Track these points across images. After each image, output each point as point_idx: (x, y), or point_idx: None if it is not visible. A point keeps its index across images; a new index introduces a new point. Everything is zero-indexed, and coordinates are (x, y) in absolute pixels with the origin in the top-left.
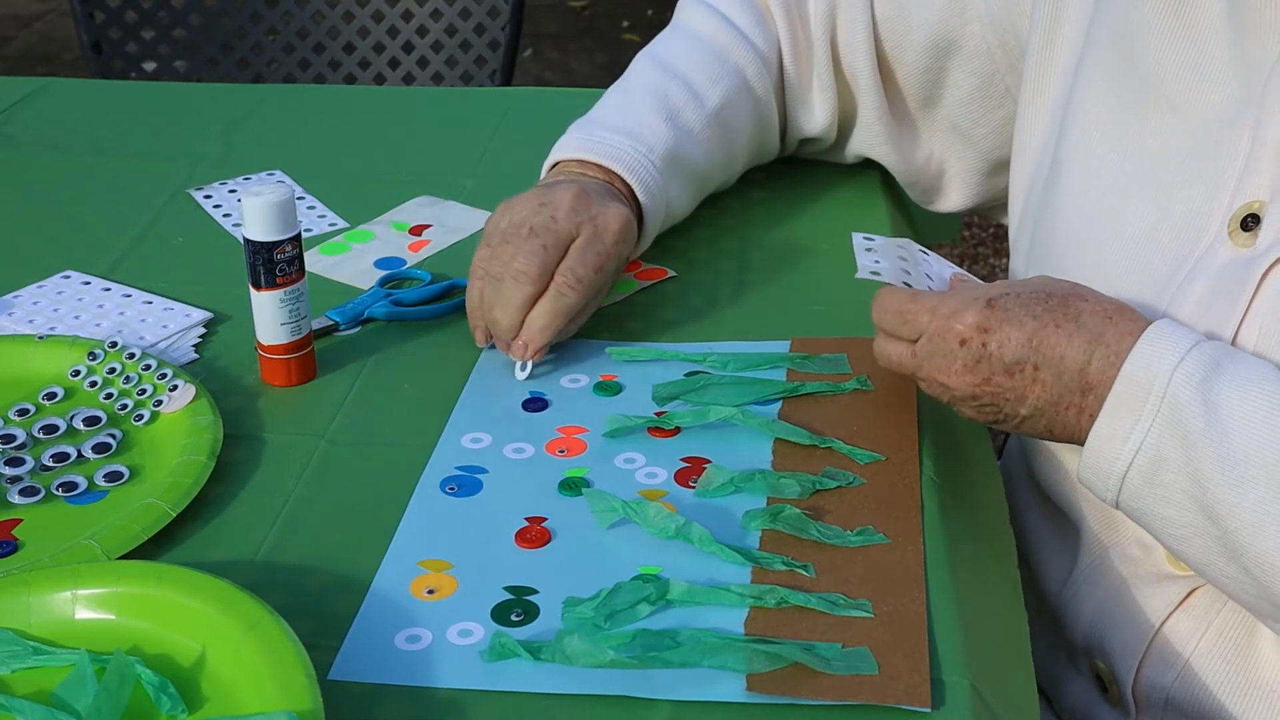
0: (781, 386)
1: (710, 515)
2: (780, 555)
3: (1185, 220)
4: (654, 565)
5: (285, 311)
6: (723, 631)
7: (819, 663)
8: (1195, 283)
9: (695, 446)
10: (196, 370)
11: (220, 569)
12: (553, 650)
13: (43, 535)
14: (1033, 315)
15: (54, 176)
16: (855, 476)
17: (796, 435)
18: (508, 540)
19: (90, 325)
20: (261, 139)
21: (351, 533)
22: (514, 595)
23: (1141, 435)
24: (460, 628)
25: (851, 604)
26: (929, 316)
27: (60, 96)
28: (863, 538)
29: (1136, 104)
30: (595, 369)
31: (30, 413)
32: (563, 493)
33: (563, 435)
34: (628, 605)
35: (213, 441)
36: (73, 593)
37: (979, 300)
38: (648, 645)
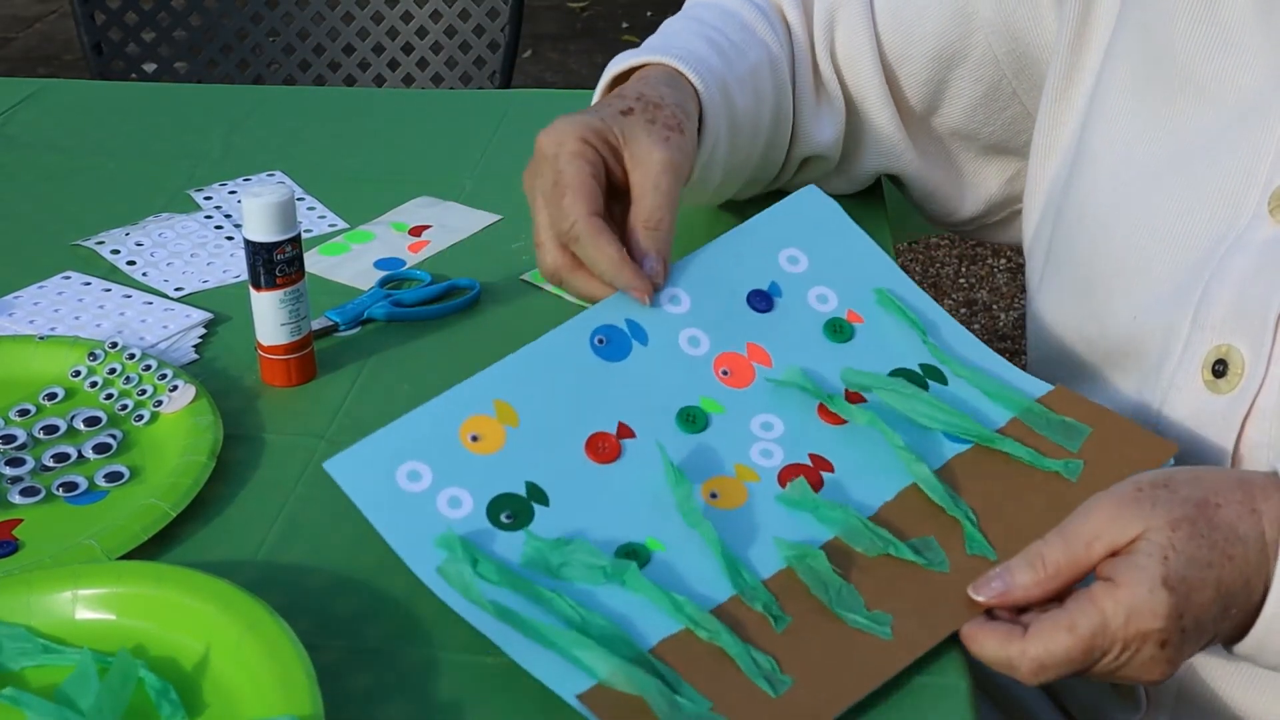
0: (982, 433)
1: (754, 521)
2: (770, 598)
3: (1220, 200)
4: (661, 543)
5: (285, 312)
6: (632, 636)
7: (671, 713)
8: (1234, 261)
9: (833, 447)
10: (197, 370)
11: (220, 569)
12: (460, 569)
13: (43, 535)
14: (1207, 564)
15: (54, 177)
16: (946, 563)
17: (934, 492)
18: (580, 434)
19: (91, 326)
20: (261, 140)
21: (351, 533)
22: (528, 494)
23: None
24: (458, 494)
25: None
26: (1108, 641)
27: (61, 98)
28: (871, 621)
29: (1165, 89)
30: (847, 302)
31: (31, 413)
32: (678, 421)
33: (746, 353)
34: (581, 565)
35: (213, 442)
36: (73, 593)
37: (1155, 590)
38: (528, 605)
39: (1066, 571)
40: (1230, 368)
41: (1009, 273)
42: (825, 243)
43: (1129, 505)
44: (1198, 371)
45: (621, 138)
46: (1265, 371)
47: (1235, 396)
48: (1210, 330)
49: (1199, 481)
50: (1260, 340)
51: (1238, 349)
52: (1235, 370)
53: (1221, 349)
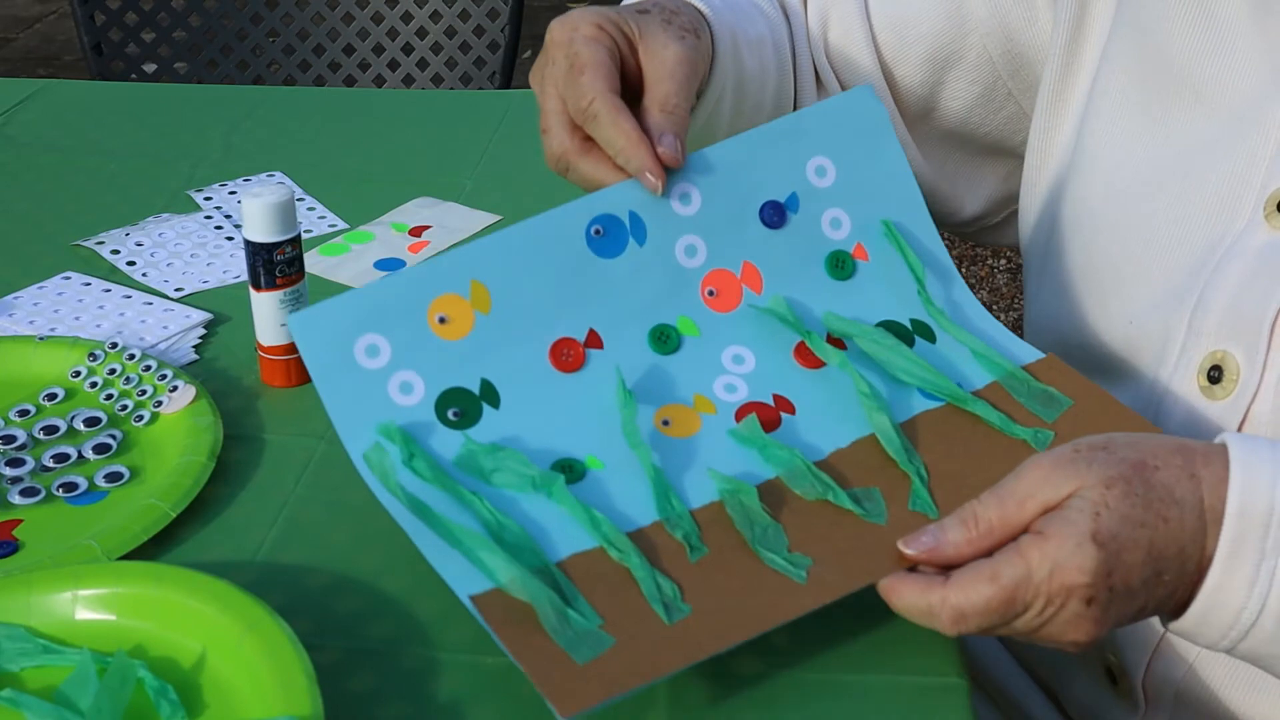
0: (956, 393)
1: (699, 452)
2: (693, 528)
3: (1217, 204)
4: (601, 462)
5: (285, 312)
6: (543, 547)
7: (558, 625)
8: (1231, 266)
9: (800, 389)
10: (196, 371)
11: (220, 569)
12: (383, 459)
13: (43, 536)
14: (1140, 524)
15: (54, 178)
16: (884, 515)
17: (890, 444)
18: (548, 336)
19: (91, 326)
20: (261, 140)
21: (351, 533)
22: (480, 392)
23: (1270, 575)
24: (411, 380)
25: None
26: (1031, 594)
27: (61, 98)
28: (789, 563)
29: (1161, 93)
30: (859, 234)
31: (31, 413)
32: (650, 338)
33: (740, 273)
34: (511, 472)
35: (213, 442)
36: (73, 593)
37: (1083, 544)
38: (448, 503)
39: (999, 530)
40: (1225, 374)
41: (1009, 273)
42: (858, 156)
43: (1065, 465)
44: (1193, 377)
45: (637, 31)
46: (1260, 378)
47: (1230, 403)
48: (1206, 336)
49: (1138, 445)
50: (1255, 346)
51: (1233, 355)
52: (1230, 376)
53: (1217, 355)
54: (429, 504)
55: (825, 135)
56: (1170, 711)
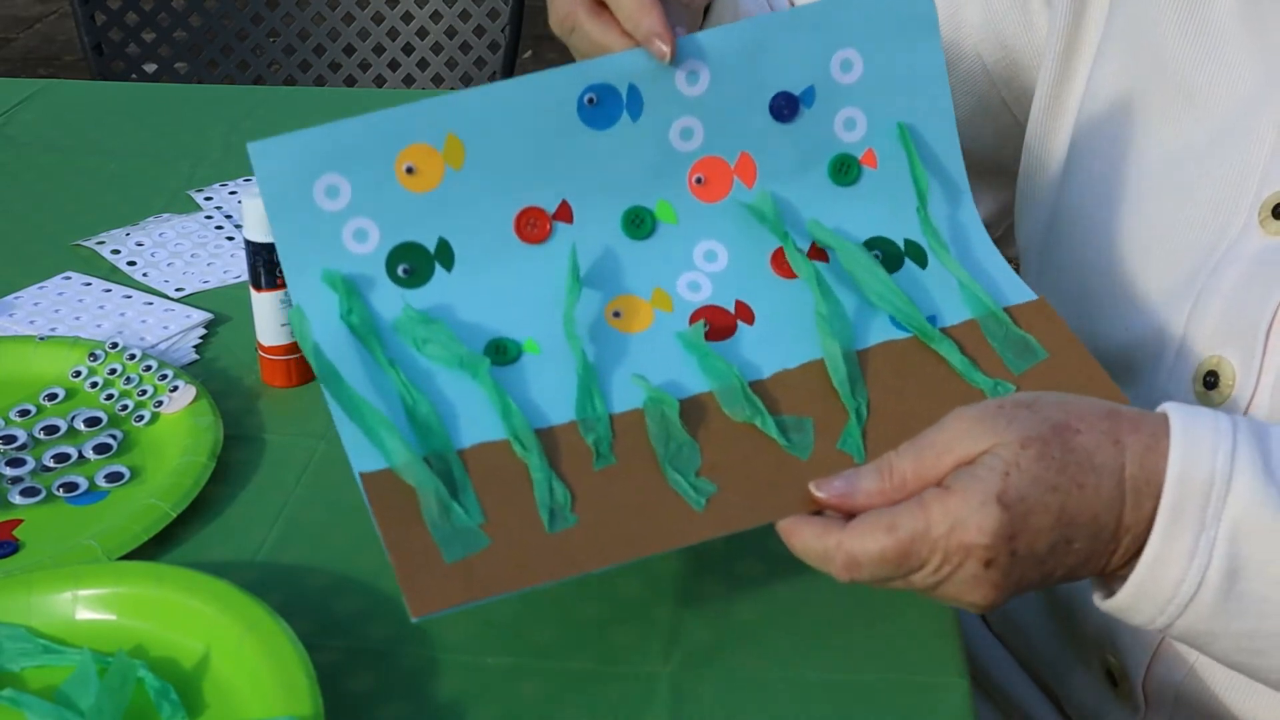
0: (924, 327)
1: (641, 352)
2: (607, 435)
3: (1211, 210)
4: (538, 347)
5: (285, 313)
6: (450, 430)
7: (438, 517)
8: (1226, 271)
9: (765, 299)
10: (197, 371)
11: (220, 569)
12: (302, 322)
13: (43, 536)
14: (1052, 488)
15: (55, 177)
16: (809, 450)
17: (836, 374)
18: (517, 202)
19: (91, 326)
20: None
21: (351, 533)
22: (435, 251)
23: (1209, 546)
24: (367, 227)
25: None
26: (928, 550)
27: (61, 98)
28: (692, 487)
29: (1155, 100)
30: (873, 138)
31: (31, 413)
32: (624, 220)
33: (734, 163)
34: (440, 345)
35: (213, 442)
36: (73, 593)
37: (986, 503)
38: (369, 367)
39: (914, 483)
40: (1221, 379)
41: None
42: (892, 54)
43: (985, 420)
44: (1189, 383)
45: None
46: (1256, 383)
47: (1225, 409)
48: (1201, 342)
49: (1065, 405)
50: (1251, 352)
51: (1228, 361)
52: (1226, 382)
53: (1212, 361)
54: (341, 371)
55: (861, 26)
56: (1170, 713)
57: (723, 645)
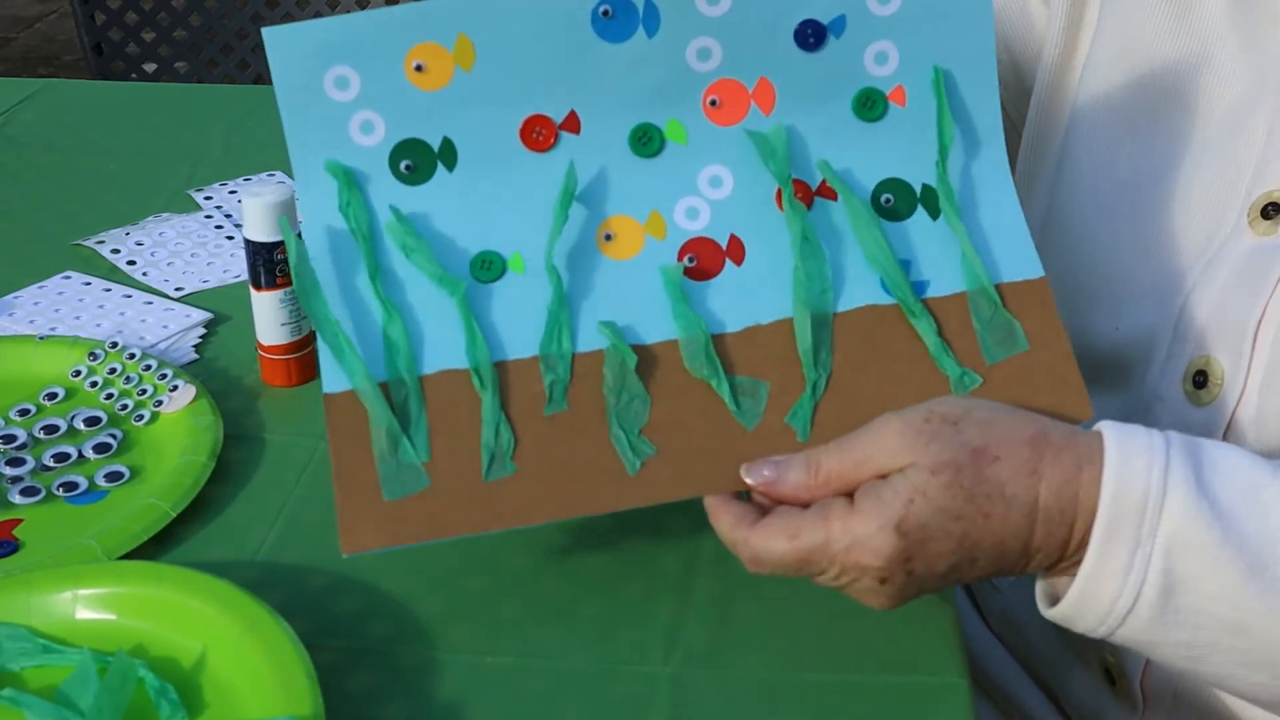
0: (907, 299)
1: (622, 284)
2: (564, 377)
3: (1203, 210)
4: (523, 266)
5: (285, 312)
6: (419, 354)
7: (386, 451)
8: (1217, 272)
9: (763, 237)
10: (197, 370)
11: (220, 569)
12: (294, 243)
13: (43, 535)
14: (954, 517)
15: (55, 177)
16: (756, 419)
17: (802, 341)
18: (525, 108)
19: (91, 326)
20: (262, 140)
21: None
22: (439, 150)
23: (1145, 563)
24: (373, 119)
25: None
26: (826, 561)
27: (61, 98)
28: (630, 447)
29: (1145, 101)
30: (905, 74)
31: (31, 413)
32: (631, 136)
33: (752, 88)
34: (424, 259)
35: (213, 442)
36: (73, 593)
37: (884, 529)
38: (352, 275)
39: (836, 483)
40: (1210, 379)
41: None
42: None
43: (908, 434)
44: (1179, 383)
45: None
46: (1244, 383)
47: (1214, 408)
48: (1191, 341)
49: (990, 426)
50: (1239, 351)
51: (1217, 360)
52: (1215, 381)
53: (1201, 360)
54: (323, 279)
55: None
56: (1169, 712)
57: (723, 645)
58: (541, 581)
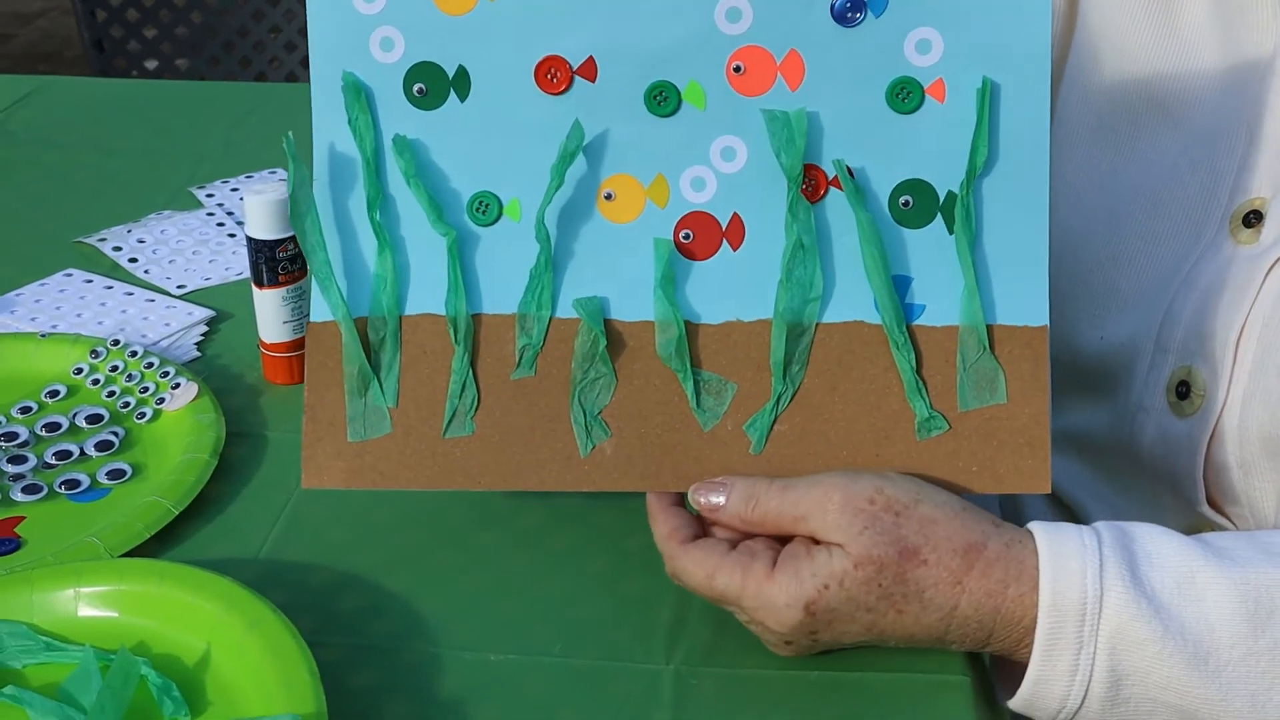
0: (893, 330)
1: (615, 250)
2: (538, 341)
3: (1184, 220)
4: (519, 213)
5: (287, 310)
6: (405, 294)
7: (355, 389)
8: (1198, 281)
9: (766, 219)
10: (199, 368)
11: (223, 566)
12: (302, 175)
13: (45, 533)
14: (865, 609)
15: (56, 175)
16: (714, 421)
17: (775, 351)
18: (542, 48)
19: (92, 323)
20: (264, 137)
21: (353, 530)
22: (454, 76)
23: (1089, 662)
24: (394, 36)
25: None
26: (736, 608)
27: (62, 95)
28: (586, 429)
29: (1128, 111)
30: (947, 67)
31: (33, 410)
32: (647, 95)
33: (780, 59)
34: (423, 194)
35: (215, 439)
36: (75, 590)
37: (793, 606)
38: (352, 203)
39: (770, 526)
40: (1193, 389)
41: None
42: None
43: (848, 513)
44: (1163, 393)
45: None
46: (1226, 393)
47: (1198, 418)
48: (1173, 352)
49: (930, 526)
50: (1221, 361)
51: (1199, 370)
52: (1198, 392)
53: (1183, 370)
54: (320, 202)
55: None
56: None
57: (724, 643)
58: (544, 579)
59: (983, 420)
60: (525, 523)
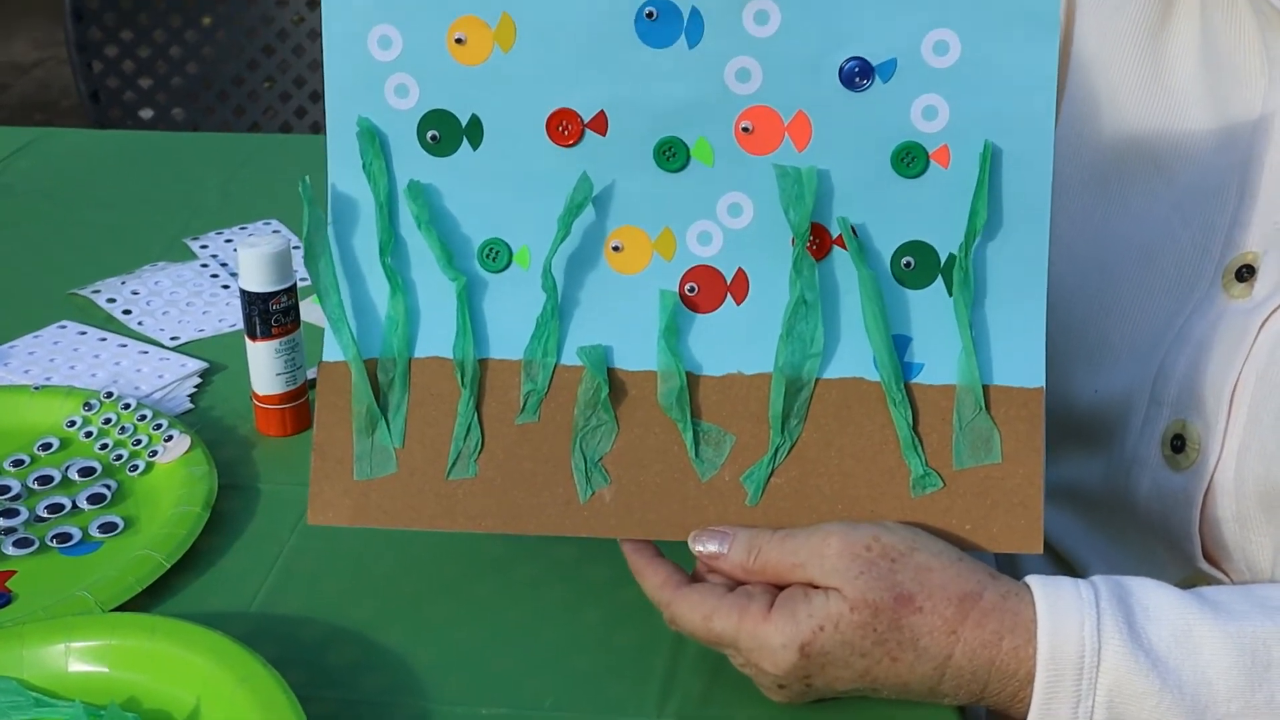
0: (890, 387)
1: (621, 301)
2: (542, 387)
3: (1177, 274)
4: (528, 261)
5: (280, 362)
6: (415, 338)
7: (364, 428)
8: (1191, 335)
9: (771, 276)
10: (192, 420)
11: (214, 620)
12: (315, 212)
13: (36, 587)
14: (859, 654)
15: (51, 227)
16: (712, 471)
17: (774, 403)
18: (555, 100)
19: (86, 375)
20: (258, 188)
21: (345, 584)
22: (467, 125)
23: (1088, 713)
24: (408, 83)
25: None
26: (732, 650)
27: (58, 146)
28: (585, 476)
29: (1120, 164)
30: (953, 134)
31: (25, 463)
32: (656, 150)
33: (788, 120)
34: (435, 242)
35: (207, 492)
36: (66, 645)
37: (788, 647)
38: (364, 246)
39: (769, 575)
40: (1188, 443)
41: None
42: (997, 42)
43: (845, 558)
44: (1158, 446)
45: None
46: (1221, 447)
47: (1193, 472)
48: (1167, 406)
49: (926, 574)
50: (1215, 415)
51: (1194, 424)
52: (1193, 445)
53: (1178, 424)
54: (335, 245)
55: (968, 7)
56: None
57: (717, 694)
58: (537, 631)
59: (977, 479)
60: (519, 574)
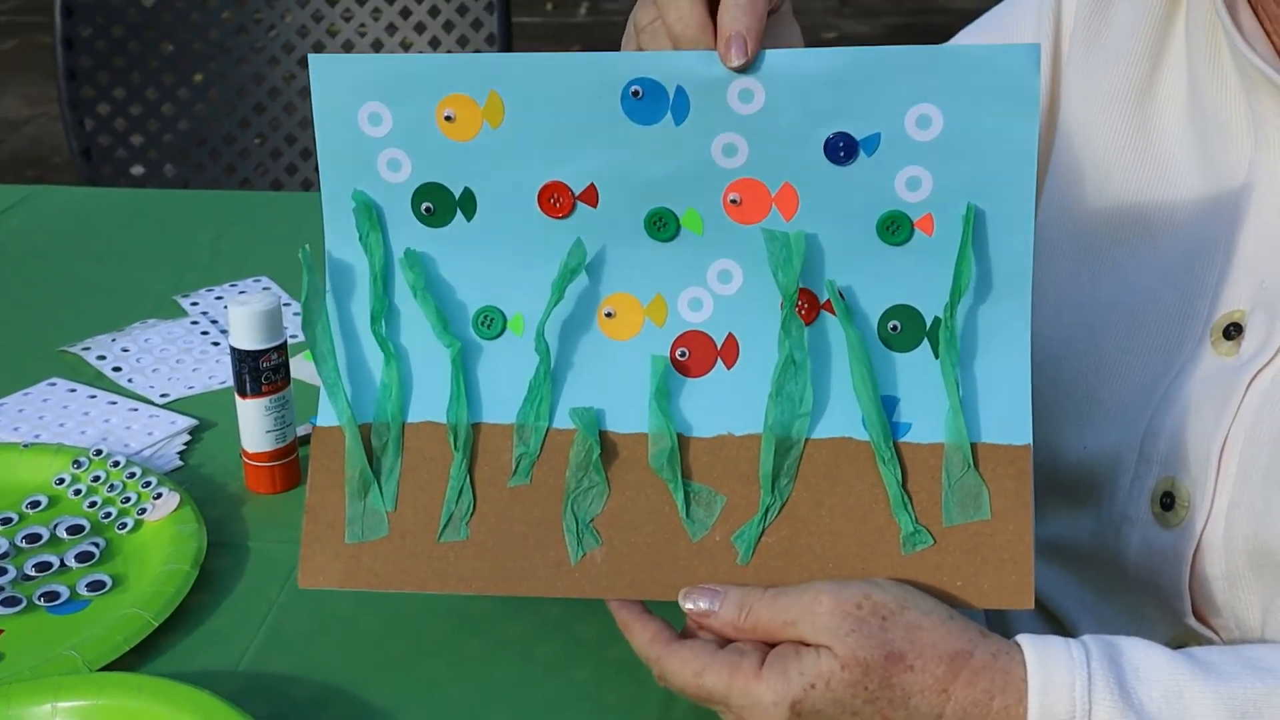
0: (879, 445)
1: (614, 367)
2: (534, 451)
3: (1163, 332)
4: (522, 329)
5: (270, 419)
6: (408, 402)
7: (355, 493)
8: (1179, 393)
9: (759, 343)
10: (181, 477)
11: (203, 679)
12: (314, 277)
13: (23, 646)
14: (850, 712)
15: (43, 284)
16: (702, 531)
17: (765, 463)
18: (546, 173)
19: (75, 433)
20: (248, 245)
21: (336, 642)
22: (460, 198)
23: None
24: (401, 158)
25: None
26: (722, 706)
27: (49, 203)
28: (577, 538)
29: (1107, 226)
30: (937, 203)
31: (13, 521)
32: (647, 221)
33: (775, 191)
34: (430, 307)
35: (196, 550)
36: (53, 705)
37: (779, 705)
38: (358, 307)
39: (760, 633)
40: (1177, 501)
41: None
42: (980, 122)
43: (836, 616)
44: (1147, 504)
45: None
46: (1210, 504)
47: (1182, 530)
48: (1156, 463)
49: (917, 632)
50: (1204, 473)
51: (1183, 482)
52: (1182, 503)
53: (1167, 482)
54: (331, 311)
55: (950, 83)
56: None
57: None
58: (527, 689)
59: (967, 536)
60: (509, 631)
